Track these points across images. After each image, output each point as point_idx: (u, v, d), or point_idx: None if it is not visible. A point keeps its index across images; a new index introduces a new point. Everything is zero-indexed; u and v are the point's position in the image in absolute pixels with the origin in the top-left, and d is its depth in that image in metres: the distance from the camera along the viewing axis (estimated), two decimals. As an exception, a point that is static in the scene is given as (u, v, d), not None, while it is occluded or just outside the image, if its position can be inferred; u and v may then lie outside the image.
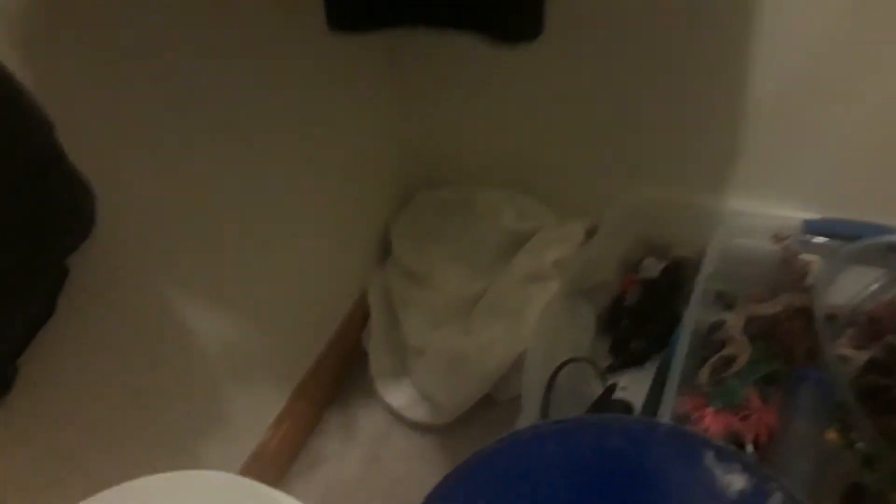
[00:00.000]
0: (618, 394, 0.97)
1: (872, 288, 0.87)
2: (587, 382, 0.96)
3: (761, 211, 0.93)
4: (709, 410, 0.80)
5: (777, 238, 0.88)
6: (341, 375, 1.11)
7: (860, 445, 0.77)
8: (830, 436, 0.78)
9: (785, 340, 0.84)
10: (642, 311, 1.02)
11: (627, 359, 1.01)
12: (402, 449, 1.03)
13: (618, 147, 1.01)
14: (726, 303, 0.94)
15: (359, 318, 1.13)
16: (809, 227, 0.88)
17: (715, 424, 0.79)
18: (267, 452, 0.97)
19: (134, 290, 0.73)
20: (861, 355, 0.84)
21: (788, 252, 0.88)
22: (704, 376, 0.80)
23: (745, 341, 0.82)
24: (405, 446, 1.03)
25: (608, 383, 0.96)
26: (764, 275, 0.91)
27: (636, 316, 1.02)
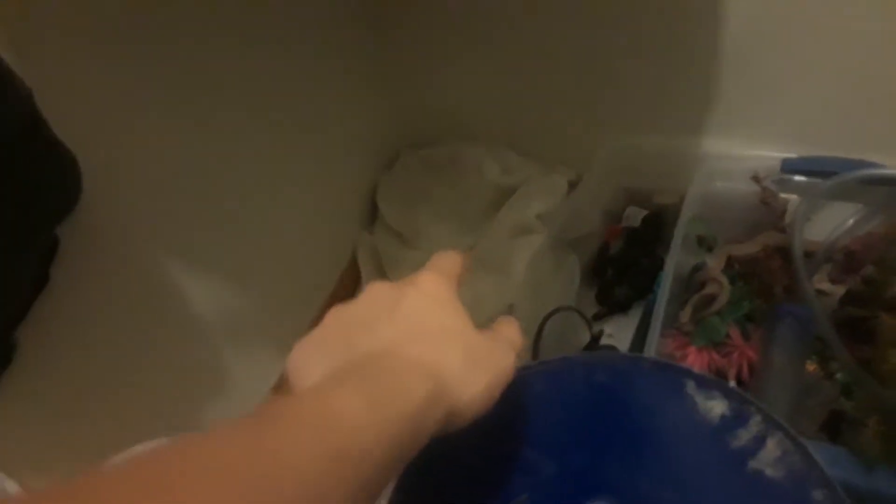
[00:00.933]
0: (604, 340, 0.99)
1: (849, 223, 0.88)
2: (575, 331, 0.98)
3: (740, 153, 0.94)
4: (692, 349, 0.82)
5: (755, 179, 0.90)
6: (336, 338, 1.12)
7: (838, 376, 0.79)
8: (810, 367, 0.81)
9: (764, 279, 0.86)
10: (626, 260, 1.04)
11: (613, 306, 1.03)
12: (398, 406, 1.05)
13: (597, 97, 1.02)
14: (707, 246, 0.95)
15: (352, 281, 1.15)
16: (787, 167, 0.89)
17: (698, 362, 0.81)
18: (266, 417, 0.98)
19: (127, 259, 0.74)
20: (838, 290, 0.87)
21: (767, 192, 0.90)
22: (686, 315, 0.82)
23: (725, 280, 0.84)
24: (401, 403, 1.05)
25: (595, 331, 0.98)
26: (744, 216, 0.92)
27: (620, 264, 1.04)
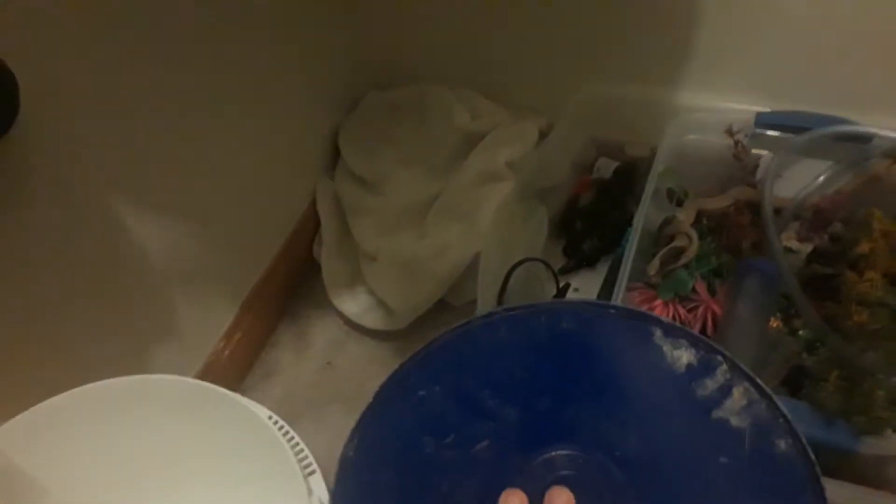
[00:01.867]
0: (570, 294, 0.98)
1: (819, 180, 0.88)
2: (541, 284, 0.97)
3: (713, 105, 0.92)
4: (658, 302, 0.81)
5: (728, 133, 0.88)
6: (293, 286, 1.09)
7: (801, 332, 0.79)
8: (774, 323, 0.81)
9: (733, 234, 0.86)
10: (595, 213, 1.02)
11: (580, 260, 1.02)
12: (358, 356, 1.03)
13: (571, 44, 0.99)
14: (677, 200, 0.94)
15: (310, 227, 1.11)
16: (760, 121, 0.88)
17: (663, 315, 0.80)
18: (219, 364, 0.95)
19: (68, 192, 0.69)
20: (805, 247, 0.87)
21: (739, 147, 0.88)
22: (654, 268, 0.81)
23: (695, 234, 0.83)
24: (360, 353, 1.03)
25: (562, 284, 0.97)
26: (715, 171, 0.91)
27: (589, 217, 1.03)
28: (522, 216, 0.96)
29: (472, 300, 0.97)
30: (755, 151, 0.89)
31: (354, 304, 1.03)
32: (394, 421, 0.59)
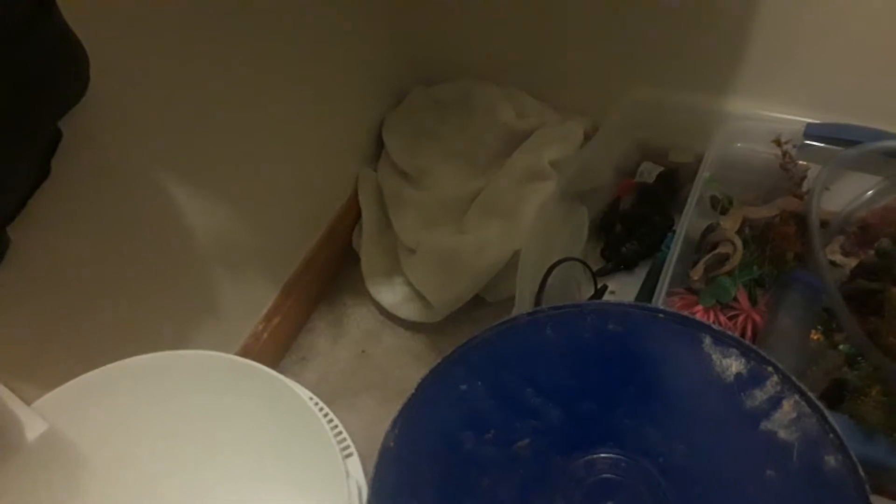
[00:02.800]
0: (607, 297, 0.98)
1: (867, 195, 0.87)
2: (579, 284, 0.97)
3: (762, 114, 0.91)
4: (699, 308, 0.81)
5: (777, 142, 0.88)
6: (332, 273, 1.11)
7: (842, 346, 0.79)
8: (814, 336, 0.80)
9: (777, 244, 0.85)
10: (636, 216, 1.02)
11: (618, 263, 1.02)
12: (392, 346, 1.04)
13: (620, 47, 0.98)
14: (721, 208, 0.94)
15: (351, 217, 1.12)
16: (810, 132, 0.87)
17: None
18: (256, 346, 0.97)
19: (128, 164, 0.71)
20: (850, 262, 0.86)
21: (787, 157, 0.88)
22: (697, 273, 0.81)
23: (739, 241, 0.82)
24: (395, 344, 1.04)
25: (600, 285, 0.97)
26: (761, 180, 0.90)
27: (630, 221, 1.03)
28: (563, 216, 0.96)
29: (508, 297, 0.98)
30: (802, 163, 0.89)
31: (391, 295, 1.04)
32: (435, 414, 0.59)
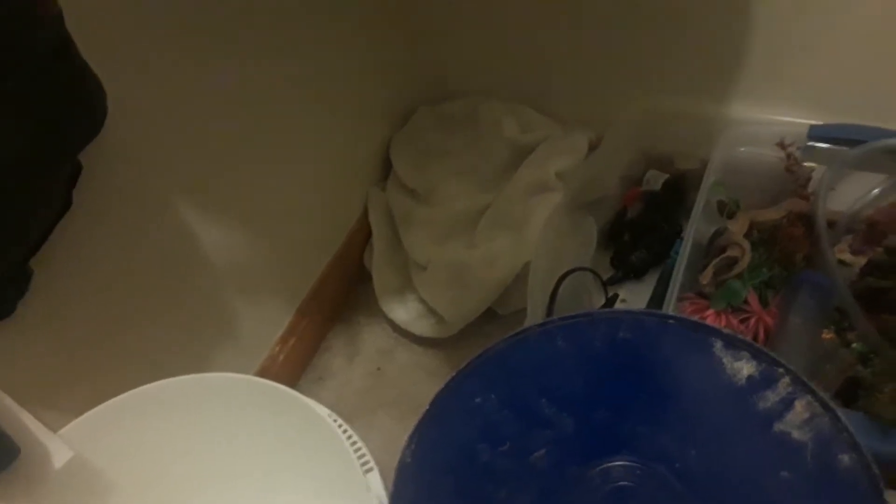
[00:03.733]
0: (618, 305, 0.99)
1: (873, 193, 0.87)
2: (589, 293, 0.98)
3: (765, 118, 0.92)
4: (710, 312, 0.81)
5: (780, 145, 0.88)
6: (345, 293, 1.12)
7: (855, 345, 0.79)
8: (826, 336, 0.81)
9: (785, 246, 0.85)
10: (644, 224, 1.03)
11: (627, 271, 1.02)
12: (407, 363, 1.05)
13: (621, 57, 1.00)
14: (728, 212, 0.94)
15: (361, 236, 1.13)
16: (813, 133, 0.87)
17: (716, 325, 0.80)
18: (273, 367, 0.98)
19: (146, 193, 0.73)
20: (859, 260, 0.86)
21: (791, 159, 0.88)
22: (707, 277, 0.81)
23: (747, 244, 0.83)
24: (410, 361, 1.05)
25: (610, 294, 0.98)
26: (767, 183, 0.91)
27: (638, 229, 1.03)
28: (571, 227, 0.97)
29: (520, 309, 0.98)
30: (807, 164, 0.89)
31: (404, 312, 1.05)
32: (450, 428, 0.60)
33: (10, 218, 0.50)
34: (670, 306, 0.78)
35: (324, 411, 0.69)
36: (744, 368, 0.54)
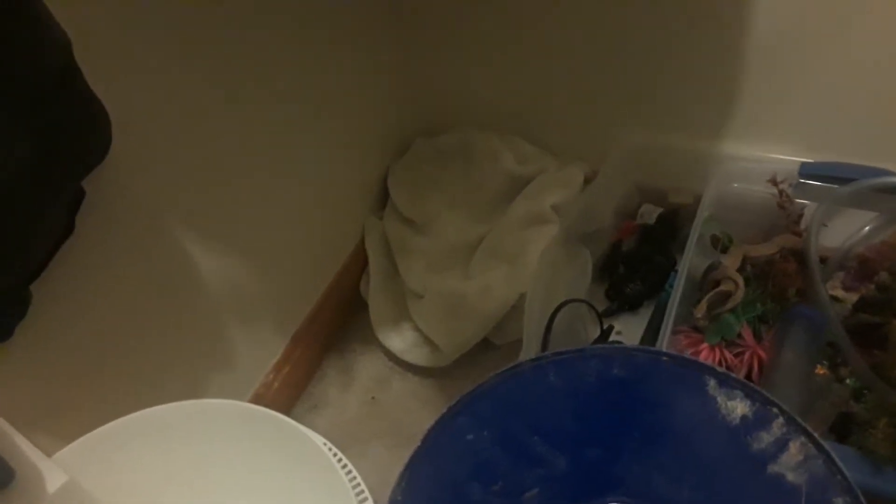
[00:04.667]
0: (613, 337, 0.99)
1: (864, 231, 0.88)
2: (584, 325, 0.98)
3: (757, 155, 0.94)
4: (704, 346, 0.82)
5: (773, 182, 0.89)
6: (340, 322, 1.12)
7: (848, 381, 0.79)
8: (820, 371, 0.81)
9: (778, 281, 0.86)
10: (639, 257, 1.04)
11: (622, 303, 1.03)
12: (402, 392, 1.05)
13: (616, 93, 1.01)
14: (722, 247, 0.95)
15: (358, 265, 1.14)
16: (805, 171, 0.89)
17: (710, 360, 0.81)
18: (268, 395, 0.98)
19: (147, 221, 0.74)
20: (851, 297, 0.87)
21: (783, 196, 0.90)
22: (701, 311, 0.82)
23: (740, 278, 0.84)
24: (404, 390, 1.05)
25: (605, 326, 0.98)
26: (759, 219, 0.92)
27: (632, 261, 1.04)
28: (567, 259, 0.98)
29: (516, 339, 0.98)
30: (799, 201, 0.90)
31: (400, 341, 1.05)
32: (442, 465, 0.59)
33: (13, 241, 0.51)
34: (665, 340, 0.79)
35: (320, 440, 0.69)
36: (738, 408, 0.54)
